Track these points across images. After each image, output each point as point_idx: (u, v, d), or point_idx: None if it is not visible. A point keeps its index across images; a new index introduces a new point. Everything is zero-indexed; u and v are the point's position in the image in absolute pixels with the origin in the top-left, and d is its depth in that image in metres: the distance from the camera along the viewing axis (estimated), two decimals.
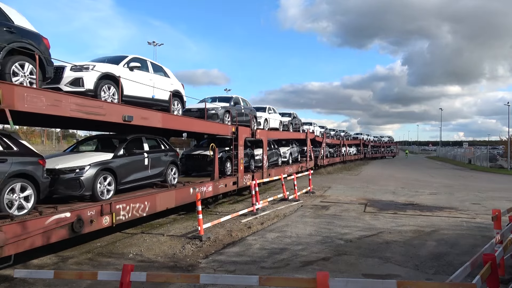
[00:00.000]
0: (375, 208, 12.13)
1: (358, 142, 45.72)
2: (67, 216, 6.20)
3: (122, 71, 8.50)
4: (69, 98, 6.55)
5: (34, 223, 5.65)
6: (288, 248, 7.42)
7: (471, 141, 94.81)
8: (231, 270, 6.15)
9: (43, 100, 5.94)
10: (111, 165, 7.82)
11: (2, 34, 5.68)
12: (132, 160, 8.54)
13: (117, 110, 7.69)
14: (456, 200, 14.08)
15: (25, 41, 6.08)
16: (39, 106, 5.84)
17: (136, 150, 8.82)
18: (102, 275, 3.93)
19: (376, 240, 7.96)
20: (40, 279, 5.56)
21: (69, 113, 6.50)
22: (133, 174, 8.57)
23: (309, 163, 23.05)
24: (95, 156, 7.78)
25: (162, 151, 9.87)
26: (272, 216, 10.75)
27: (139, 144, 9.14)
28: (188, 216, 10.96)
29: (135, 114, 8.09)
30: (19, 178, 5.82)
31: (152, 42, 41.33)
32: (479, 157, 41.23)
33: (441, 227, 9.27)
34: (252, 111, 15.77)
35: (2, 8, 5.94)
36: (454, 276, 3.37)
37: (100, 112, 7.21)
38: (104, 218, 7.04)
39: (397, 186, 18.79)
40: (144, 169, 8.97)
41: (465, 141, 79.35)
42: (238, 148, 12.94)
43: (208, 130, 11.78)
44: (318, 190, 16.47)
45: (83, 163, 7.27)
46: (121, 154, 8.26)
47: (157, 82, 9.65)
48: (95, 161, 7.47)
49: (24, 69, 6.08)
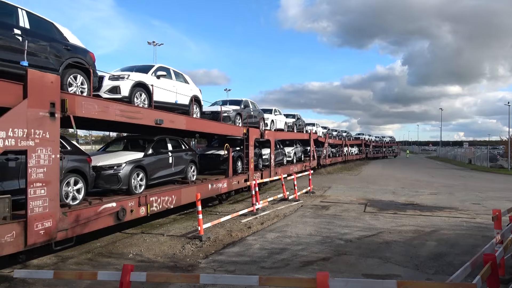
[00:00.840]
0: (375, 208, 12.13)
1: (359, 142, 46.36)
2: (113, 206, 7.31)
3: (151, 79, 9.49)
4: (114, 105, 7.57)
5: (89, 211, 6.74)
6: (288, 248, 7.42)
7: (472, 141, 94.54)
8: (231, 270, 6.15)
9: (95, 107, 6.99)
10: (142, 163, 8.81)
11: (61, 51, 6.80)
12: (159, 159, 9.56)
13: (151, 114, 8.78)
14: (456, 200, 14.07)
15: (78, 57, 7.12)
16: (92, 112, 6.89)
17: (162, 149, 9.88)
18: (102, 275, 3.92)
19: (376, 240, 7.96)
20: (40, 279, 5.56)
21: (114, 118, 7.51)
22: (160, 171, 9.57)
23: (312, 163, 24.04)
24: (129, 155, 8.76)
25: (183, 151, 10.86)
26: (272, 216, 10.75)
27: (164, 144, 10.15)
28: (188, 216, 10.97)
29: (165, 117, 9.16)
30: (73, 173, 6.81)
31: (152, 42, 41.32)
32: (479, 157, 41.20)
33: (441, 227, 9.27)
34: (260, 113, 16.71)
35: (60, 29, 7.08)
36: (454, 276, 3.37)
37: (138, 116, 8.27)
38: (141, 208, 8.15)
39: (397, 186, 18.78)
40: (169, 166, 9.95)
41: (466, 141, 79.34)
42: (249, 148, 13.90)
43: (223, 132, 12.89)
44: (318, 190, 16.47)
45: (120, 161, 8.29)
46: (150, 153, 9.27)
47: (179, 88, 10.64)
48: (129, 159, 8.48)
49: (77, 80, 7.09)
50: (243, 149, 13.95)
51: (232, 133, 13.30)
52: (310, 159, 24.01)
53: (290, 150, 21.13)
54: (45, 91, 5.82)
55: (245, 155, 13.88)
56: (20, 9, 6.39)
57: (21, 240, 5.42)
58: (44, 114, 5.79)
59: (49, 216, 5.82)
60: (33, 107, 5.63)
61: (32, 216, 5.55)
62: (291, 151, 21.24)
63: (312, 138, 24.45)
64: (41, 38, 6.52)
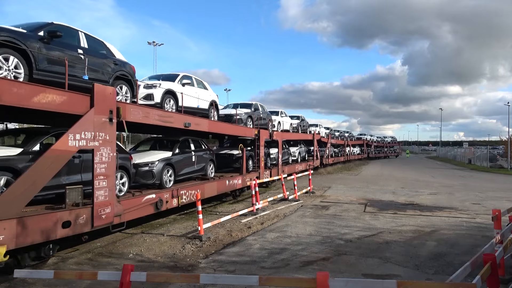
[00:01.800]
0: (375, 208, 12.13)
1: (361, 142, 47.19)
2: (153, 197, 8.51)
3: (177, 87, 10.63)
4: (153, 111, 8.72)
5: (136, 200, 8.02)
6: (288, 248, 7.42)
7: (471, 141, 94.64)
8: (231, 270, 6.15)
9: (140, 113, 8.14)
10: (172, 161, 9.93)
11: (111, 66, 8.05)
12: (184, 157, 10.73)
13: (181, 118, 9.99)
14: (456, 200, 14.07)
15: (123, 69, 8.38)
16: (138, 117, 8.04)
17: (186, 149, 11.03)
18: (102, 275, 3.92)
19: (376, 240, 7.96)
20: (40, 279, 5.56)
21: (154, 122, 8.65)
22: (185, 168, 10.75)
23: (315, 162, 25.37)
24: (160, 154, 9.84)
25: (203, 150, 12.01)
26: (272, 216, 10.76)
27: (187, 145, 11.26)
28: (188, 216, 10.97)
29: (191, 121, 10.30)
30: (120, 169, 7.84)
31: (152, 42, 41.48)
32: (479, 157, 41.20)
33: (441, 227, 9.27)
34: (268, 115, 17.89)
35: (108, 46, 8.32)
36: (454, 276, 3.37)
37: (171, 120, 9.41)
38: (174, 200, 9.33)
39: (397, 186, 18.78)
40: (192, 164, 11.14)
41: (465, 141, 79.21)
42: (260, 148, 15.15)
43: (238, 133, 14.20)
44: (318, 190, 16.48)
45: (154, 159, 9.39)
46: (177, 152, 10.38)
47: (200, 94, 11.81)
48: (161, 158, 9.60)
49: (122, 90, 8.27)
50: (253, 149, 15.07)
51: (245, 134, 14.56)
52: (313, 158, 25.08)
53: (295, 150, 22.10)
54: (106, 101, 6.98)
55: (256, 155, 15.04)
56: (80, 32, 7.63)
57: (89, 222, 6.64)
58: (105, 120, 6.97)
59: (108, 203, 7.02)
60: (98, 114, 6.81)
61: (97, 203, 6.75)
62: (296, 151, 22.27)
63: (315, 138, 25.48)
64: (96, 55, 7.77)
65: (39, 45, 6.38)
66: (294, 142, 22.83)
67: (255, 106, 16.71)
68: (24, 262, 6.02)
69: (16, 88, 5.62)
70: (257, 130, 15.12)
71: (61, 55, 6.69)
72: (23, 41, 6.06)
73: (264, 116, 17.18)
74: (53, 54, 6.58)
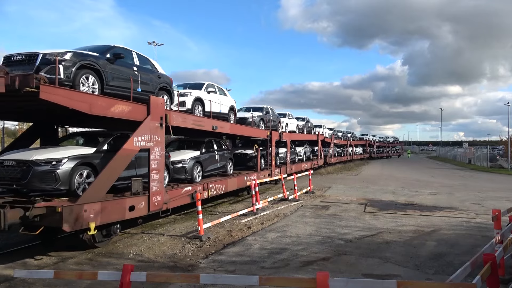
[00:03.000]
0: (375, 208, 12.13)
1: (363, 142, 48.28)
2: (190, 189, 9.93)
3: (204, 94, 12.13)
4: (190, 116, 10.35)
5: (177, 191, 9.50)
6: (288, 248, 7.42)
7: (471, 141, 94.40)
8: (231, 270, 6.15)
9: (180, 119, 9.54)
10: (200, 159, 11.26)
11: (156, 79, 9.54)
12: (210, 156, 12.03)
13: (210, 122, 11.35)
14: (456, 200, 14.08)
15: (165, 82, 9.85)
16: (179, 122, 9.43)
17: (211, 149, 12.31)
18: (102, 275, 3.92)
19: (376, 240, 7.96)
20: (40, 279, 5.56)
21: (190, 125, 10.10)
22: (210, 166, 12.06)
23: (320, 161, 26.96)
24: (190, 153, 11.12)
25: (224, 150, 13.33)
26: (272, 216, 10.76)
27: (211, 145, 12.51)
28: (188, 216, 10.97)
29: (218, 124, 11.74)
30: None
31: (152, 42, 41.31)
32: (479, 157, 41.21)
33: (441, 227, 9.27)
34: (277, 118, 19.34)
35: (152, 62, 9.85)
36: (454, 276, 3.37)
37: (202, 124, 10.86)
38: (205, 192, 10.72)
39: (397, 186, 18.79)
40: (216, 162, 12.42)
41: (465, 141, 79.08)
42: (271, 148, 16.39)
43: (253, 134, 15.70)
44: (318, 190, 16.48)
45: (186, 157, 10.75)
46: (203, 151, 11.70)
47: (222, 100, 13.21)
48: (192, 156, 10.93)
49: (164, 99, 9.21)
50: (265, 149, 16.29)
51: (259, 135, 16.12)
52: (317, 158, 26.46)
53: (300, 149, 23.41)
54: (158, 109, 8.42)
55: (267, 154, 16.28)
56: (133, 52, 9.16)
57: (146, 207, 7.99)
58: (157, 125, 8.39)
59: (159, 193, 8.39)
60: (153, 120, 8.22)
61: (152, 192, 8.12)
62: (301, 151, 23.58)
63: (319, 139, 27.03)
64: (146, 71, 9.24)
65: (108, 65, 7.86)
66: (299, 142, 23.75)
67: (266, 110, 18.09)
68: (98, 239, 7.36)
69: (100, 101, 7.22)
70: (269, 131, 16.44)
71: (123, 73, 8.28)
72: (97, 63, 7.53)
73: (274, 118, 18.59)
74: (117, 72, 8.11)
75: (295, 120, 23.28)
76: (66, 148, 7.59)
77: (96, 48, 8.20)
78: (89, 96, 7.09)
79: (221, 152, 12.93)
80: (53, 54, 6.81)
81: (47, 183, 6.67)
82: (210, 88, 12.72)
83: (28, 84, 5.90)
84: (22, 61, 6.93)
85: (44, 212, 6.19)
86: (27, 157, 6.84)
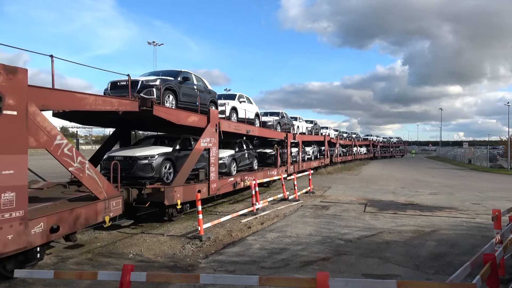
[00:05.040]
0: (375, 208, 12.13)
1: (368, 143, 51.39)
2: (232, 179, 12.81)
3: (237, 104, 14.95)
4: (232, 123, 13.36)
5: (225, 181, 12.25)
6: (288, 248, 7.42)
7: (471, 141, 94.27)
8: (231, 270, 6.15)
9: (226, 125, 12.43)
10: (235, 156, 13.80)
11: (207, 95, 12.23)
12: (241, 154, 14.63)
13: (244, 127, 14.27)
14: (456, 200, 14.08)
15: (213, 96, 12.72)
16: (225, 128, 12.21)
17: (241, 148, 14.84)
18: (102, 275, 3.92)
19: (376, 240, 7.96)
20: (40, 279, 5.56)
21: (232, 130, 12.99)
22: (242, 162, 14.60)
23: (326, 160, 29.74)
24: (228, 151, 13.46)
25: (250, 149, 15.91)
26: (272, 216, 10.76)
27: (241, 145, 14.99)
28: (188, 216, 10.97)
29: (250, 128, 14.80)
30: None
31: (152, 42, 41.44)
32: (479, 157, 41.20)
33: (441, 227, 9.27)
34: (290, 121, 22.21)
35: (204, 81, 12.44)
36: (454, 276, 3.37)
37: (240, 128, 13.79)
38: (242, 183, 13.41)
39: (397, 186, 18.79)
40: (245, 159, 15.01)
41: (465, 141, 79.01)
42: (287, 148, 19.44)
43: (274, 136, 18.65)
44: (318, 190, 16.48)
45: (224, 155, 13.05)
46: (237, 150, 14.19)
47: (249, 108, 15.97)
48: (229, 154, 13.39)
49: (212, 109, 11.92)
50: (281, 148, 18.64)
51: (277, 137, 18.94)
52: (324, 157, 29.17)
53: (309, 149, 25.91)
54: (214, 118, 11.32)
55: (283, 153, 19.03)
56: (193, 74, 11.74)
57: (207, 192, 10.96)
58: (213, 130, 11.20)
59: (215, 181, 11.34)
60: (211, 127, 11.11)
61: (211, 181, 11.09)
62: (310, 150, 26.05)
63: (326, 139, 29.91)
64: (201, 88, 11.80)
65: (179, 86, 10.60)
66: (308, 142, 25.91)
67: (281, 114, 20.91)
68: (174, 214, 10.17)
69: (182, 115, 10.13)
70: (285, 133, 19.29)
71: (189, 91, 11.10)
72: (174, 85, 10.31)
73: (287, 121, 21.42)
74: (185, 91, 10.89)
75: (304, 123, 26.31)
76: (155, 147, 10.18)
77: (168, 73, 10.91)
78: (176, 111, 9.99)
79: (249, 151, 15.56)
80: (149, 80, 9.64)
81: (146, 172, 9.31)
82: (241, 98, 15.58)
83: (146, 104, 8.64)
84: (126, 86, 8.89)
85: (150, 191, 8.98)
86: (131, 154, 9.42)
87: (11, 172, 5.22)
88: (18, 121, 5.38)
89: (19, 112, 5.40)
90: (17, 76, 5.39)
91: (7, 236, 5.16)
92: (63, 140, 6.34)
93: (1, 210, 5.07)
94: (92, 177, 7.01)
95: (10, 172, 5.21)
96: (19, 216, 5.32)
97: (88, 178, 6.91)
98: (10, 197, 5.20)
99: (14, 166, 5.28)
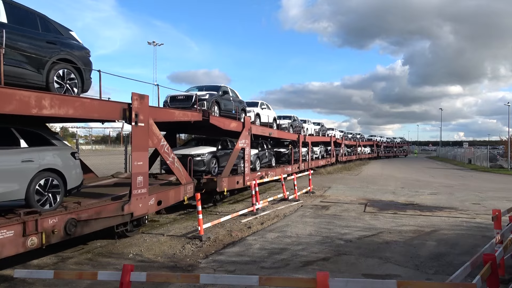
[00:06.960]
0: (375, 208, 12.13)
1: (371, 143, 53.60)
2: (259, 174, 15.31)
3: (260, 110, 17.40)
4: (259, 127, 15.93)
5: (254, 174, 14.66)
6: (288, 248, 7.42)
7: (471, 141, 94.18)
8: (231, 270, 6.14)
9: (255, 129, 14.78)
10: (259, 154, 16.30)
11: (239, 104, 14.88)
12: (264, 153, 17.20)
13: (267, 130, 16.97)
14: (456, 200, 14.08)
15: (244, 105, 15.38)
16: (255, 131, 14.62)
17: (263, 148, 17.31)
18: (102, 275, 3.92)
19: (376, 240, 7.96)
20: (40, 279, 5.56)
21: (259, 133, 15.77)
22: (264, 159, 17.10)
23: (332, 159, 32.50)
24: (252, 150, 15.24)
25: (269, 148, 18.45)
26: (272, 216, 10.75)
27: (262, 145, 17.52)
28: (188, 216, 10.97)
29: (271, 131, 17.44)
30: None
31: (152, 42, 41.48)
32: (479, 157, 41.16)
33: (441, 227, 9.27)
34: (300, 123, 24.76)
35: (236, 92, 15.18)
36: (454, 276, 3.37)
37: (264, 132, 16.45)
38: (266, 177, 15.47)
39: (397, 186, 18.79)
40: (266, 157, 17.57)
41: (465, 141, 78.97)
42: (299, 148, 22.29)
43: (288, 137, 21.24)
44: (318, 190, 16.48)
45: (252, 153, 14.78)
46: (260, 150, 16.66)
47: (269, 113, 18.37)
48: (255, 153, 15.63)
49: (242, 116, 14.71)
50: (293, 148, 21.23)
51: (291, 138, 21.56)
52: (330, 156, 31.77)
53: (316, 149, 28.10)
54: (247, 124, 13.87)
55: (296, 152, 21.67)
56: (228, 87, 14.22)
57: (242, 182, 13.30)
58: (247, 133, 13.69)
59: (248, 174, 13.69)
60: (245, 131, 13.56)
61: (245, 174, 13.51)
62: (317, 150, 28.32)
63: (332, 140, 32.47)
64: (234, 99, 14.39)
65: (221, 98, 13.07)
66: (315, 143, 27.86)
67: (293, 118, 23.33)
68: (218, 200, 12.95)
69: (227, 122, 12.53)
70: (297, 135, 22.01)
71: (227, 102, 13.55)
72: (218, 98, 12.81)
73: (298, 124, 23.94)
74: (225, 102, 13.32)
75: (312, 125, 29.06)
76: (203, 147, 12.55)
77: (211, 88, 13.60)
78: (223, 119, 12.40)
79: (268, 150, 18.03)
80: (200, 95, 12.02)
81: (199, 167, 11.64)
82: (263, 105, 18.18)
83: (205, 115, 11.13)
84: (183, 100, 12.00)
85: (205, 181, 11.52)
86: (187, 152, 11.60)
87: (141, 163, 7.91)
88: (145, 130, 8.08)
89: (145, 124, 8.05)
90: (144, 100, 7.97)
91: (139, 204, 7.83)
92: (164, 142, 9.02)
93: (137, 187, 7.76)
94: (178, 168, 9.82)
95: (140, 163, 7.90)
96: (145, 192, 8.03)
97: (176, 168, 9.74)
98: (141, 179, 7.88)
99: (143, 159, 7.99)
